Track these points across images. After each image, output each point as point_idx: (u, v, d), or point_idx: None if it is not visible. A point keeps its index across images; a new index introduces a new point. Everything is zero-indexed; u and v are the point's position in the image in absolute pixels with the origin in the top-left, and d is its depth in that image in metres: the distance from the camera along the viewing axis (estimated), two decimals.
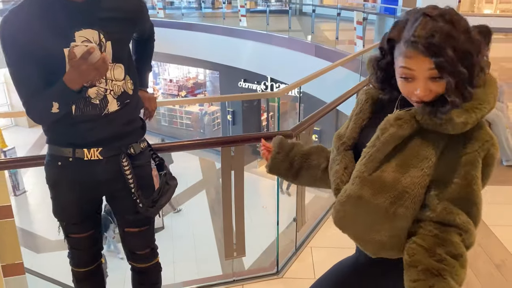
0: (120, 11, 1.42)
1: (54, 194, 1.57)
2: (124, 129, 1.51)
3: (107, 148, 1.48)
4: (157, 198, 1.60)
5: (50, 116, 1.36)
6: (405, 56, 0.96)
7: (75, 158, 1.47)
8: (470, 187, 0.98)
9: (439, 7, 0.97)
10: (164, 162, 1.71)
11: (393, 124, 1.02)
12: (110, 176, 1.52)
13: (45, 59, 1.33)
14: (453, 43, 0.92)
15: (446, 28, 0.92)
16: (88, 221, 1.64)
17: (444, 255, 0.97)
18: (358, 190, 1.04)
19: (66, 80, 1.29)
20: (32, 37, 1.30)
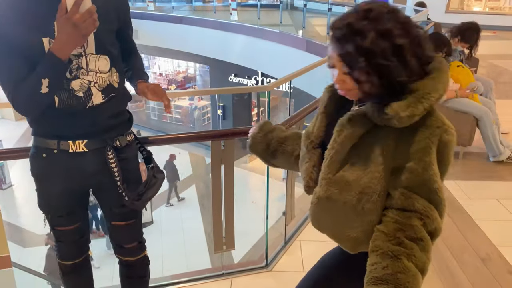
0: (104, 3, 1.37)
1: (39, 186, 1.55)
2: (110, 122, 1.49)
3: (92, 140, 1.47)
4: (143, 191, 1.59)
5: (38, 100, 1.31)
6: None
7: (60, 150, 1.45)
8: (425, 173, 1.00)
9: (374, 3, 1.00)
10: (151, 155, 1.69)
11: (345, 125, 1.06)
12: (95, 168, 1.50)
13: (26, 50, 1.30)
14: (359, 41, 0.95)
15: (358, 24, 0.96)
16: (74, 214, 1.62)
17: (403, 238, 0.99)
18: (325, 192, 1.09)
19: (55, 48, 1.25)
20: (12, 27, 1.28)
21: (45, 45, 1.30)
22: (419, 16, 7.05)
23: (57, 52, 1.25)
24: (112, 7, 1.43)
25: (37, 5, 1.29)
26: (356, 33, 0.96)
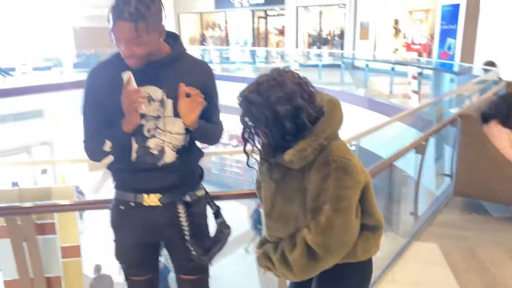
0: (186, 73, 1.51)
1: (116, 236, 1.64)
2: (181, 178, 1.57)
3: (165, 195, 1.55)
4: (211, 247, 1.61)
5: (101, 153, 1.50)
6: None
7: (135, 202, 1.55)
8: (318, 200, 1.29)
9: (270, 76, 1.28)
10: (220, 210, 1.73)
11: (265, 173, 1.41)
12: (166, 222, 1.57)
13: (109, 112, 1.47)
14: (250, 111, 1.28)
15: (250, 97, 1.27)
16: (146, 265, 1.68)
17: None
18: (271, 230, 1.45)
19: (123, 122, 1.44)
20: (102, 89, 1.47)
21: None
22: (488, 76, 6.83)
23: (124, 124, 1.44)
24: (196, 79, 1.53)
25: (120, 76, 1.45)
26: (248, 103, 1.27)
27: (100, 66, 1.53)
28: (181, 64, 1.51)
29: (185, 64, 1.53)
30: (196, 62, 1.59)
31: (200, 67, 1.58)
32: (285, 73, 1.28)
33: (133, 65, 1.42)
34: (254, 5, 17.70)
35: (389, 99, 8.79)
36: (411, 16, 13.19)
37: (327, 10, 16.91)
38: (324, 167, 1.26)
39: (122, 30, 1.34)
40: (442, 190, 4.23)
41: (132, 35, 1.34)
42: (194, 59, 1.59)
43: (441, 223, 3.55)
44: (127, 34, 1.34)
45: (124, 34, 1.34)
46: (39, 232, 2.00)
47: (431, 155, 3.94)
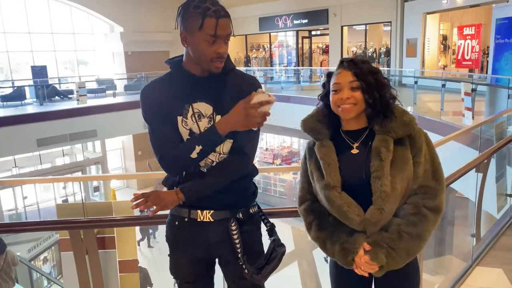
0: (236, 88, 1.51)
1: (171, 251, 1.66)
2: (234, 195, 1.57)
3: (218, 211, 1.55)
4: (263, 265, 1.58)
5: (185, 162, 1.48)
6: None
7: (190, 218, 1.57)
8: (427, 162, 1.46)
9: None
10: (274, 227, 1.70)
11: (384, 146, 1.40)
12: (219, 238, 1.56)
13: (169, 121, 1.50)
14: (369, 65, 1.47)
15: (364, 60, 1.49)
16: (200, 282, 1.68)
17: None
18: (386, 204, 1.37)
19: (220, 122, 1.43)
20: (160, 102, 1.50)
21: (178, 122, 1.50)
22: None
23: (219, 126, 1.43)
24: (244, 95, 1.48)
25: (184, 87, 1.51)
26: (365, 62, 1.46)
27: (152, 83, 1.57)
28: (230, 79, 1.53)
29: (234, 79, 1.54)
30: (244, 76, 1.59)
31: (249, 81, 1.56)
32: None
33: (220, 67, 1.46)
34: (298, 25, 17.87)
35: (440, 116, 8.47)
36: (461, 32, 12.78)
37: (372, 28, 16.76)
38: (422, 134, 1.45)
39: (225, 26, 1.41)
40: (503, 212, 3.98)
41: (230, 30, 1.43)
42: (242, 74, 1.60)
43: (505, 246, 3.33)
44: (228, 29, 1.42)
45: (227, 30, 1.42)
46: (100, 246, 2.07)
47: (492, 174, 3.73)
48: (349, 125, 1.50)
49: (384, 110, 1.43)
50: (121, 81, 16.86)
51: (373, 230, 1.41)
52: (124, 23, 17.36)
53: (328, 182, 1.44)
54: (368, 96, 1.41)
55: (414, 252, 1.41)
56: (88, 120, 12.20)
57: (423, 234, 1.40)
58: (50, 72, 15.73)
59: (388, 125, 1.42)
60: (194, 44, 1.44)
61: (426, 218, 1.40)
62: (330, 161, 1.46)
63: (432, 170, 1.44)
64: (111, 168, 16.70)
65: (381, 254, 1.37)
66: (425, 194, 1.42)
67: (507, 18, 8.06)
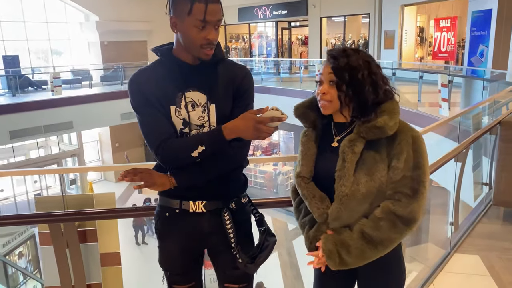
0: (229, 77, 1.50)
1: (160, 243, 1.63)
2: (226, 186, 1.56)
3: (211, 202, 1.53)
4: (256, 254, 1.58)
5: (184, 158, 1.43)
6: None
7: (181, 209, 1.54)
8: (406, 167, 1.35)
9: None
10: (263, 218, 1.70)
11: (349, 146, 1.35)
12: (212, 229, 1.55)
13: (161, 110, 1.45)
14: (348, 59, 1.36)
15: (349, 51, 1.39)
16: (190, 273, 1.66)
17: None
18: (344, 205, 1.35)
19: (227, 126, 1.38)
20: (151, 92, 1.45)
21: (172, 112, 1.46)
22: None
23: (226, 131, 1.38)
24: (236, 84, 1.51)
25: (175, 76, 1.46)
26: (347, 55, 1.36)
27: (141, 71, 1.51)
28: (221, 68, 1.50)
29: (226, 68, 1.52)
30: (237, 66, 1.57)
31: (241, 71, 1.55)
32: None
33: (209, 54, 1.42)
34: (277, 16, 17.82)
35: (417, 108, 8.63)
36: (437, 24, 13.01)
37: (350, 19, 16.87)
38: (410, 138, 1.35)
39: (215, 12, 1.38)
40: (479, 200, 4.09)
41: (220, 16, 1.41)
42: (234, 63, 1.57)
43: (481, 234, 3.42)
44: (218, 15, 1.40)
45: (217, 15, 1.39)
46: (81, 239, 2.03)
47: (469, 164, 3.82)
48: (336, 118, 1.47)
49: (360, 110, 1.36)
50: (98, 71, 16.48)
51: (334, 225, 1.41)
52: (99, 12, 16.93)
53: (299, 171, 1.47)
54: (342, 93, 1.35)
55: (370, 257, 1.36)
56: (64, 111, 11.92)
57: (386, 241, 1.33)
58: (22, 62, 15.24)
59: (364, 124, 1.36)
60: (184, 30, 1.40)
61: (394, 225, 1.32)
62: (307, 151, 1.48)
63: (412, 177, 1.33)
64: (88, 161, 16.38)
65: (330, 245, 1.38)
66: (398, 201, 1.33)
67: (483, 11, 8.24)
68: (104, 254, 2.09)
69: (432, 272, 2.83)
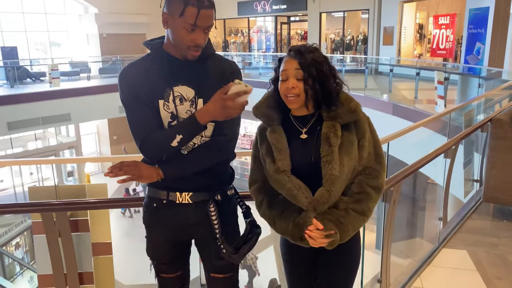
0: (217, 72, 1.53)
1: (148, 233, 1.67)
2: (212, 178, 1.59)
3: (197, 193, 1.58)
4: (241, 245, 1.62)
5: (165, 150, 1.48)
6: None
7: (168, 200, 1.58)
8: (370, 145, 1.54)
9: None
10: (250, 210, 1.74)
11: (333, 132, 1.46)
12: (197, 220, 1.59)
13: (149, 105, 1.49)
14: (313, 55, 1.48)
15: (311, 48, 1.51)
16: (177, 262, 1.70)
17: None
18: (335, 186, 1.44)
19: (199, 112, 1.43)
20: (140, 86, 1.49)
21: (160, 106, 1.50)
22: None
23: (199, 116, 1.43)
24: (225, 78, 1.52)
25: (164, 71, 1.50)
26: (311, 51, 1.48)
27: (131, 65, 1.55)
28: (210, 63, 1.53)
29: (215, 63, 1.55)
30: (225, 61, 1.60)
31: (229, 66, 1.58)
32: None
33: (196, 55, 1.46)
34: (276, 11, 17.78)
35: (414, 104, 8.66)
36: (436, 21, 13.00)
37: (350, 15, 16.84)
38: (366, 119, 1.53)
39: (207, 18, 1.41)
40: (470, 196, 4.14)
41: (212, 22, 1.44)
42: (222, 59, 1.61)
43: (470, 229, 3.48)
44: (210, 21, 1.43)
45: (208, 22, 1.42)
46: (73, 229, 2.06)
47: (460, 160, 3.87)
48: (298, 111, 1.55)
49: (327, 100, 1.49)
50: (96, 64, 16.46)
51: (322, 209, 1.48)
52: (98, 4, 16.88)
53: (278, 166, 1.50)
54: (309, 87, 1.46)
55: (358, 226, 1.53)
56: (62, 103, 11.92)
57: (367, 211, 1.51)
58: (21, 54, 15.21)
59: (335, 111, 1.49)
60: (174, 28, 1.44)
61: (370, 196, 1.50)
62: (280, 147, 1.51)
63: (375, 153, 1.54)
64: (86, 153, 16.41)
65: (330, 224, 1.46)
66: (369, 175, 1.52)
67: (480, 9, 8.25)
68: (96, 244, 2.13)
69: (419, 266, 2.88)
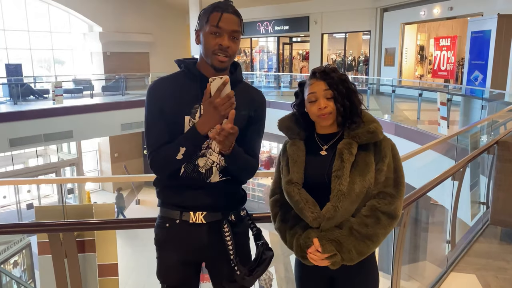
0: (246, 97, 1.56)
1: (159, 254, 1.64)
2: (226, 198, 1.59)
3: (211, 213, 1.56)
4: (254, 267, 1.60)
5: (172, 163, 1.49)
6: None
7: (181, 220, 1.56)
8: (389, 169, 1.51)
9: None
10: (261, 232, 1.72)
11: (347, 148, 1.47)
12: (211, 240, 1.57)
13: (171, 123, 1.51)
14: (340, 74, 1.53)
15: (334, 69, 1.54)
16: (188, 285, 1.67)
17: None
18: (341, 202, 1.43)
19: (198, 124, 1.45)
20: (167, 100, 1.51)
21: (186, 122, 1.51)
22: None
23: (199, 127, 1.45)
24: (251, 105, 1.58)
25: (187, 90, 1.53)
26: (334, 71, 1.52)
27: (161, 79, 1.58)
28: (240, 88, 1.55)
29: (244, 89, 1.59)
30: (252, 89, 1.65)
31: (256, 93, 1.64)
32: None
33: (223, 62, 1.48)
34: (279, 31, 18.01)
35: (416, 125, 8.67)
36: (437, 43, 13.16)
37: (351, 36, 17.04)
38: (389, 144, 1.52)
39: (229, 21, 1.47)
40: (477, 219, 4.10)
41: (237, 27, 1.48)
42: (250, 86, 1.65)
43: (478, 253, 3.43)
44: (233, 26, 1.48)
45: (230, 25, 1.47)
46: (79, 249, 2.03)
47: (466, 183, 3.85)
48: (323, 129, 1.58)
49: (353, 116, 1.52)
50: (99, 81, 16.59)
51: (326, 226, 1.47)
52: (103, 23, 17.11)
53: (291, 178, 1.53)
54: (340, 104, 1.50)
55: (363, 251, 1.47)
56: (64, 120, 11.94)
57: (373, 236, 1.46)
58: (25, 71, 15.33)
59: (355, 130, 1.50)
60: (203, 39, 1.49)
61: (379, 221, 1.46)
62: (297, 159, 1.54)
63: (394, 178, 1.51)
64: (87, 170, 16.37)
65: (329, 245, 1.44)
66: (382, 200, 1.48)
67: (482, 31, 8.34)
68: (102, 265, 2.10)
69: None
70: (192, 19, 15.34)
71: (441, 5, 12.34)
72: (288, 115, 1.65)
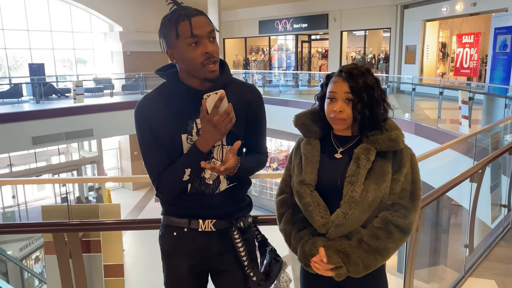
0: (239, 98, 1.48)
1: (167, 265, 1.59)
2: (234, 205, 1.55)
3: (220, 221, 1.52)
4: (269, 272, 1.56)
5: (180, 186, 1.44)
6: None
7: (190, 229, 1.52)
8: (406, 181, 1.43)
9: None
10: (267, 239, 1.68)
11: (364, 154, 1.38)
12: (221, 248, 1.53)
13: (168, 143, 1.44)
14: (365, 78, 1.39)
15: (362, 69, 1.42)
16: None
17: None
18: (352, 209, 1.36)
19: (199, 143, 1.39)
20: (158, 121, 1.44)
21: (183, 140, 1.45)
22: None
23: (201, 146, 1.39)
24: (245, 105, 1.51)
25: (185, 103, 1.45)
26: (363, 74, 1.39)
27: (146, 98, 1.49)
28: (230, 89, 1.46)
29: (234, 89, 1.50)
30: (244, 86, 1.57)
31: (249, 91, 1.55)
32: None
33: (214, 71, 1.40)
34: (297, 29, 17.89)
35: (437, 124, 8.46)
36: (460, 40, 12.81)
37: (371, 33, 16.78)
38: (409, 155, 1.43)
39: (200, 24, 1.36)
40: (497, 222, 3.95)
41: (210, 27, 1.38)
42: (242, 83, 1.57)
43: (498, 257, 3.30)
44: (206, 27, 1.37)
45: (204, 28, 1.37)
46: (85, 249, 2.03)
47: (487, 184, 3.71)
48: (340, 131, 1.49)
49: (373, 127, 1.41)
50: (119, 81, 16.81)
51: (334, 234, 1.39)
52: (123, 22, 17.32)
53: (303, 178, 1.44)
54: (357, 112, 1.39)
55: (371, 264, 1.38)
56: (85, 119, 12.15)
57: (383, 250, 1.37)
58: (47, 70, 15.67)
59: (375, 136, 1.41)
60: (181, 56, 1.39)
61: (391, 235, 1.38)
62: (311, 159, 1.46)
63: (410, 191, 1.41)
64: (107, 168, 16.63)
65: (335, 257, 1.37)
66: (396, 212, 1.39)
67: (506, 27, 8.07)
68: (107, 266, 2.09)
69: None
70: (210, 17, 15.34)
71: (464, 1, 12.00)
72: (305, 111, 1.56)
